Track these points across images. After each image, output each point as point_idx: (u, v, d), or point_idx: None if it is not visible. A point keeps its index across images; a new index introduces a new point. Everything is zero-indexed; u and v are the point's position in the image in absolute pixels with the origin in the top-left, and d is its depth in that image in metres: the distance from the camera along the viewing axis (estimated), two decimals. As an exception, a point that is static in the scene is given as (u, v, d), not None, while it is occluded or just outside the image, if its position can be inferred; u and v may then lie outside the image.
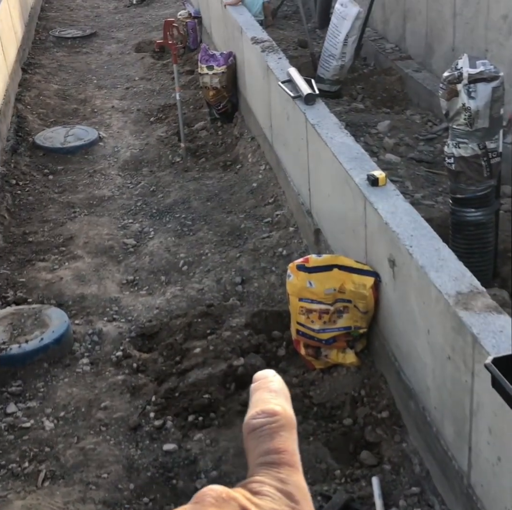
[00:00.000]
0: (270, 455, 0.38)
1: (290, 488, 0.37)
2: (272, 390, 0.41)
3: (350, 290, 3.17)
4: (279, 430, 0.39)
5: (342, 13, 5.93)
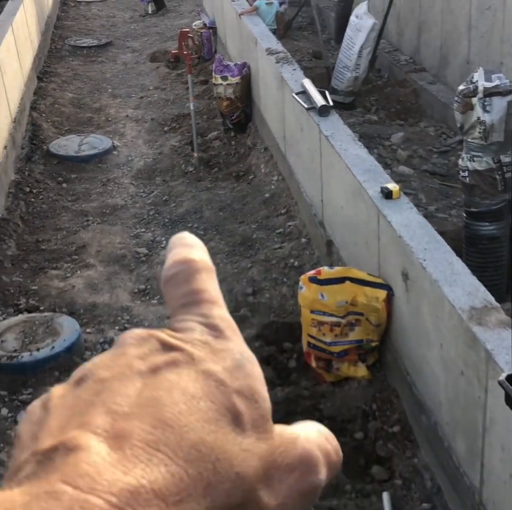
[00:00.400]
0: (188, 296, 0.36)
1: (213, 320, 0.34)
2: (186, 244, 0.39)
3: (363, 303, 3.16)
4: (195, 273, 0.37)
5: (357, 25, 5.94)
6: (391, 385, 3.34)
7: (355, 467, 3.10)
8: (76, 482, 0.25)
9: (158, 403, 0.29)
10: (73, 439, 0.28)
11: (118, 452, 0.27)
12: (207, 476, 0.27)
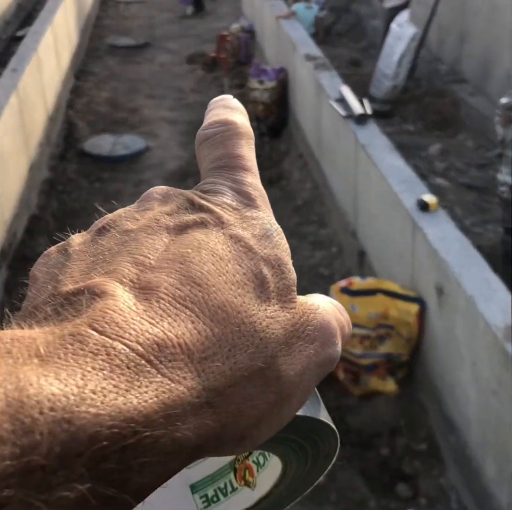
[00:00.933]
0: (223, 159, 0.34)
1: (246, 187, 0.32)
2: (229, 106, 0.36)
3: (394, 316, 3.09)
4: (234, 137, 0.34)
5: (398, 34, 5.88)
6: (420, 401, 3.27)
7: (380, 483, 3.04)
8: (104, 327, 0.24)
9: (186, 260, 0.28)
10: (99, 284, 0.26)
11: (145, 303, 0.26)
12: (232, 338, 0.27)
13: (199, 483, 0.42)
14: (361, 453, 3.13)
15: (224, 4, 11.87)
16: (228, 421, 0.26)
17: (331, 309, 0.32)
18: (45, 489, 0.21)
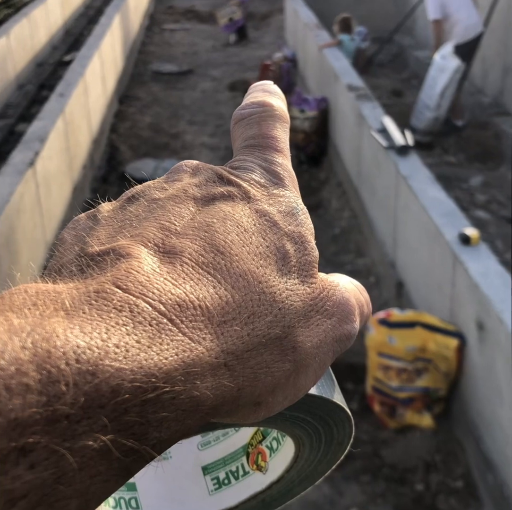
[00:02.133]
0: (256, 138, 0.34)
1: (275, 167, 0.33)
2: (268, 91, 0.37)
3: (432, 350, 3.06)
4: (269, 119, 0.35)
5: (441, 65, 5.88)
6: (457, 438, 3.21)
7: (414, 521, 2.98)
8: (127, 286, 0.25)
9: (211, 229, 0.29)
10: (125, 246, 0.27)
11: (169, 266, 0.27)
12: (252, 305, 0.27)
13: (211, 465, 0.42)
14: (395, 488, 3.08)
15: (267, 33, 12.04)
16: (244, 385, 0.26)
17: (351, 287, 0.33)
18: (69, 437, 0.21)
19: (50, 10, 10.55)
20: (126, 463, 0.23)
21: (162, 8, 14.35)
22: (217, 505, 0.41)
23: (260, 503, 0.41)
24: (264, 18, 13.02)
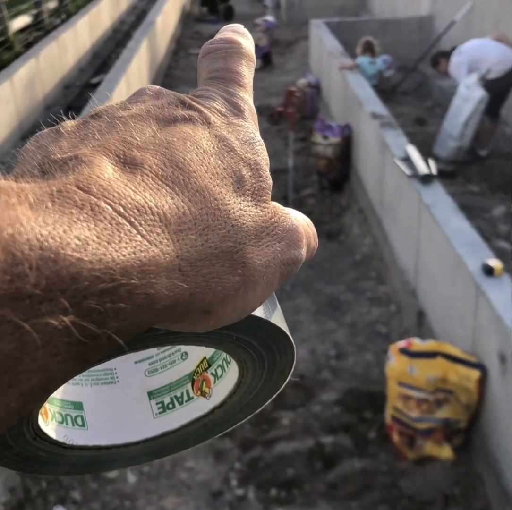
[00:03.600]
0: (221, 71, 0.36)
1: (237, 99, 0.34)
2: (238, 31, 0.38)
3: (453, 381, 3.03)
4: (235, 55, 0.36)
5: (466, 95, 5.90)
6: (477, 470, 3.16)
7: (431, 555, 2.93)
8: (89, 187, 0.26)
9: (171, 146, 0.30)
10: (87, 154, 0.28)
11: (129, 175, 0.28)
12: (207, 219, 0.29)
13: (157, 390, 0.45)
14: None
15: (291, 59, 12.16)
16: (196, 291, 0.28)
17: (301, 218, 0.35)
18: (32, 316, 0.23)
19: (79, 33, 10.76)
20: (85, 348, 0.25)
21: (188, 33, 14.56)
22: (160, 428, 0.43)
23: (202, 427, 0.43)
24: (288, 45, 13.15)
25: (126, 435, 0.43)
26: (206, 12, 16.49)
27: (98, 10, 12.37)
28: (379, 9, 13.36)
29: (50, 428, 0.40)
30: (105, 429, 0.42)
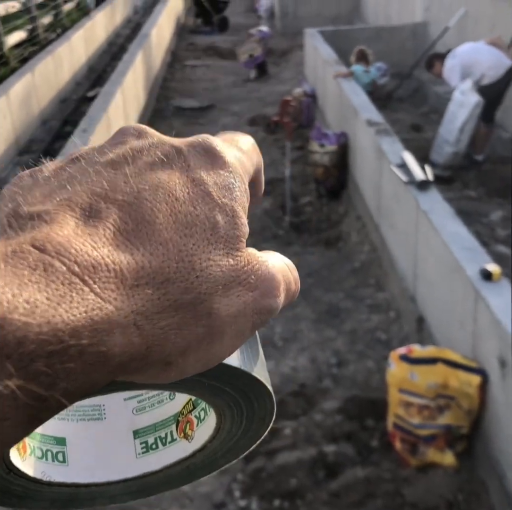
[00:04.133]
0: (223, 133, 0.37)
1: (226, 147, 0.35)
2: None
3: (454, 387, 3.02)
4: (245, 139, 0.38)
5: (461, 101, 5.91)
6: (480, 476, 3.15)
7: None
8: (45, 246, 0.26)
9: (141, 196, 0.30)
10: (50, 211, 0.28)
11: (91, 230, 0.28)
12: (168, 272, 0.28)
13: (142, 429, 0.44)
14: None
15: (286, 68, 12.21)
16: (153, 344, 0.28)
17: (280, 265, 0.34)
18: None
19: (74, 47, 10.80)
20: (35, 411, 0.25)
21: (183, 45, 14.62)
22: (142, 468, 0.43)
23: (185, 470, 0.43)
24: (283, 54, 13.21)
25: (107, 474, 0.42)
26: (201, 24, 16.56)
27: (93, 24, 12.42)
28: (373, 17, 13.42)
29: (27, 463, 0.39)
30: (86, 467, 0.42)
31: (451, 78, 6.18)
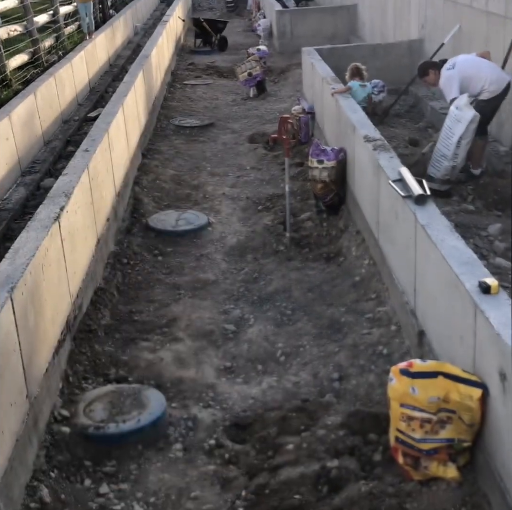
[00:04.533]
0: None
1: None
2: None
3: (456, 401, 3.04)
4: None
5: (457, 116, 5.97)
6: (482, 490, 3.15)
7: None
8: None
9: None
10: None
11: None
12: None
13: None
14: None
15: (284, 86, 12.32)
16: None
17: None
18: None
19: (76, 69, 10.92)
20: None
21: (183, 65, 14.76)
22: None
23: None
24: (281, 72, 13.33)
25: None
26: (201, 44, 16.72)
27: (94, 46, 12.56)
28: (369, 35, 13.55)
29: None
30: None
31: (449, 89, 6.21)
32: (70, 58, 10.98)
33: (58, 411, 3.82)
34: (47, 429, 3.66)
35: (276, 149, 8.77)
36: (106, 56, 13.73)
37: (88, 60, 11.92)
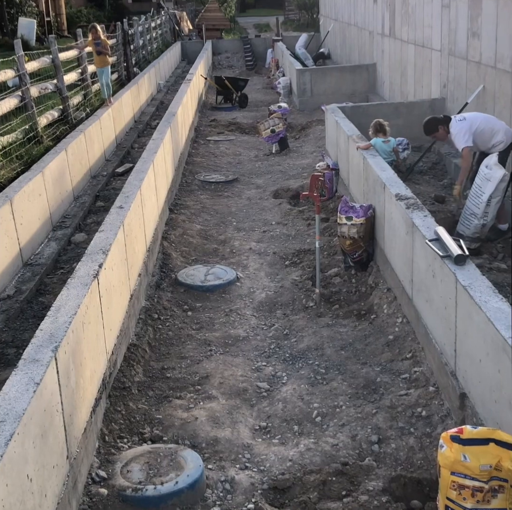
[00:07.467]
0: None
1: None
2: None
3: (508, 469, 2.96)
4: None
5: (487, 175, 6.02)
6: None
7: None
8: None
9: None
10: None
11: None
12: None
13: None
14: None
15: (306, 143, 12.48)
16: None
17: None
18: None
19: (103, 125, 11.15)
20: None
21: (206, 121, 15.04)
22: None
23: None
24: (302, 129, 13.54)
25: None
26: (222, 101, 17.08)
27: (120, 103, 12.85)
28: (388, 93, 13.78)
29: None
30: None
31: (461, 138, 6.42)
32: (99, 115, 11.22)
33: (95, 471, 3.76)
34: (85, 491, 3.60)
35: (301, 205, 8.85)
36: (131, 113, 14.03)
37: (115, 117, 12.18)
